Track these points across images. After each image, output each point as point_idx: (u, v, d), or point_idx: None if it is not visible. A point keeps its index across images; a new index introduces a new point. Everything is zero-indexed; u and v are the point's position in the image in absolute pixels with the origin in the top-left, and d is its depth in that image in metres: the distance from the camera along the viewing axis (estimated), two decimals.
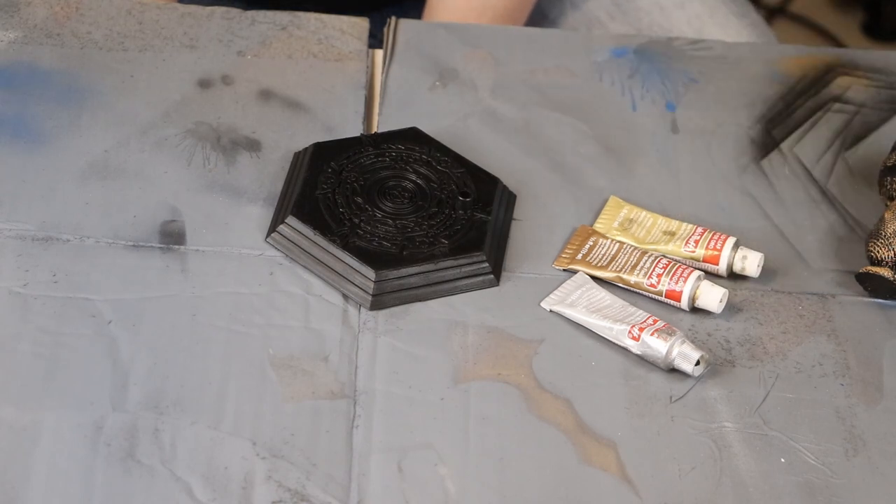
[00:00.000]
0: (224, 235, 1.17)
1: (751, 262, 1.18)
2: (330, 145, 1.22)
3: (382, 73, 1.32)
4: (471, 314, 1.13)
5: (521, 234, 1.21)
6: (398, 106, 1.30)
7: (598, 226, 1.21)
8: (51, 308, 1.09)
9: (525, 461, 1.05)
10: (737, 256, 1.18)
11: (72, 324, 1.09)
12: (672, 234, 1.20)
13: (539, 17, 1.59)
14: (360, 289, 1.13)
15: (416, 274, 1.14)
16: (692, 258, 1.19)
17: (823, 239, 1.23)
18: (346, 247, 1.14)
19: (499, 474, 1.04)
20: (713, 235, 1.19)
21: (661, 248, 1.19)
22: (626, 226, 1.21)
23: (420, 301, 1.14)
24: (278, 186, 1.21)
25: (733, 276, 1.19)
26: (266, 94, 1.29)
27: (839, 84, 1.37)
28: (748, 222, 1.24)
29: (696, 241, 1.19)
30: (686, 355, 1.10)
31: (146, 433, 1.03)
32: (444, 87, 1.32)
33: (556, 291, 1.16)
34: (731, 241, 1.18)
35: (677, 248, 1.19)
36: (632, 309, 1.14)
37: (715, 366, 1.12)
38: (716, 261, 1.18)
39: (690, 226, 1.20)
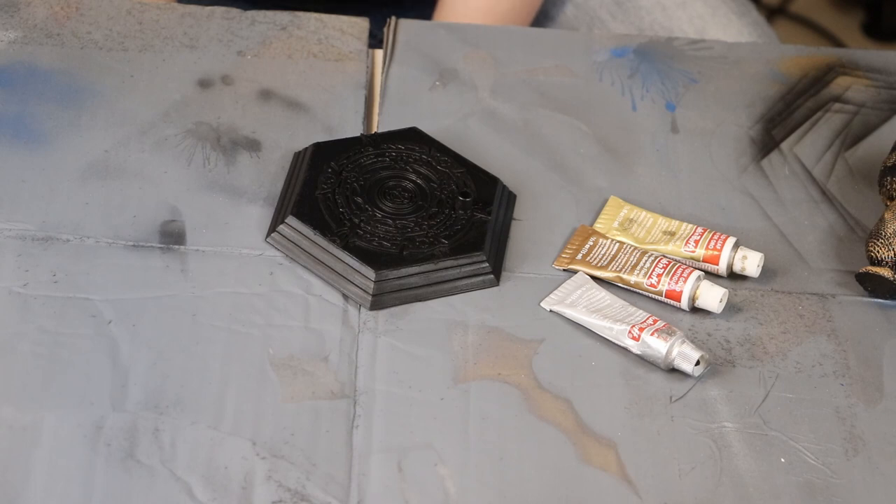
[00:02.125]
0: (224, 235, 1.17)
1: (751, 262, 1.17)
2: (330, 145, 1.22)
3: (382, 73, 1.32)
4: (471, 314, 1.13)
5: (521, 234, 1.20)
6: (398, 106, 1.30)
7: (598, 226, 1.21)
8: (51, 308, 1.09)
9: (525, 461, 1.05)
10: (737, 256, 1.18)
11: (72, 324, 1.09)
12: (672, 234, 1.20)
13: (540, 16, 1.59)
14: (360, 289, 1.13)
15: (416, 274, 1.14)
16: (692, 258, 1.19)
17: (823, 239, 1.23)
18: (346, 247, 1.14)
19: (499, 474, 1.04)
20: (713, 235, 1.19)
21: (661, 248, 1.19)
22: (626, 226, 1.21)
23: (420, 301, 1.14)
24: (278, 186, 1.21)
25: (733, 276, 1.19)
26: (266, 94, 1.29)
27: (839, 84, 1.37)
28: (748, 222, 1.24)
29: (696, 241, 1.19)
30: (686, 355, 1.10)
31: (146, 433, 1.03)
32: (444, 87, 1.32)
33: (556, 291, 1.16)
34: (731, 241, 1.18)
35: (677, 248, 1.19)
36: (632, 309, 1.14)
37: (715, 366, 1.12)
38: (716, 261, 1.18)
39: (690, 226, 1.20)
